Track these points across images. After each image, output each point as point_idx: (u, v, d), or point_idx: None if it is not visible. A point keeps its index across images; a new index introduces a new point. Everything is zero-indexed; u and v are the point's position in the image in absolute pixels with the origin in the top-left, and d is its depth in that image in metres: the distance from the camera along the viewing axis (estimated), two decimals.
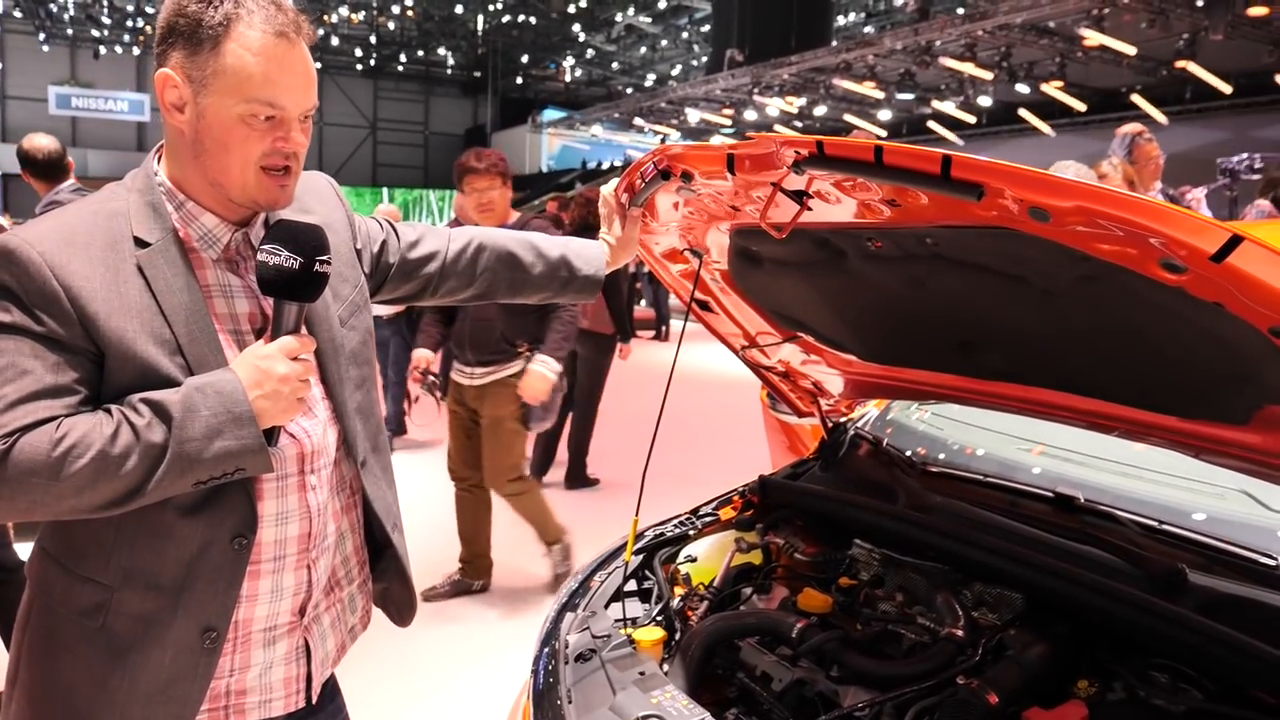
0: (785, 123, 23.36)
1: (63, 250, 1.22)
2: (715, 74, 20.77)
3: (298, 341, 1.28)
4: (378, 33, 29.48)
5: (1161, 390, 1.36)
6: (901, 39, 16.15)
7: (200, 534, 1.29)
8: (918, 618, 1.70)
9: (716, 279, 1.97)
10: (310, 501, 1.40)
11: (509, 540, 4.66)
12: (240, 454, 1.23)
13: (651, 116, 24.83)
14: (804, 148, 1.16)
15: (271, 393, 1.24)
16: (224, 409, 1.21)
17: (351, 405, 1.47)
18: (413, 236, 1.70)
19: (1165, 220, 0.91)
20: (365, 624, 1.65)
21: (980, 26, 15.02)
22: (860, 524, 1.94)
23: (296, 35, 1.28)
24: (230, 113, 1.25)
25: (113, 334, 1.22)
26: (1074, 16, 14.63)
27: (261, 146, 1.27)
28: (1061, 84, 17.14)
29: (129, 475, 1.17)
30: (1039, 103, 18.89)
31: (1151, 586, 1.51)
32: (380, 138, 36.01)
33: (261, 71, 1.24)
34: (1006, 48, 16.24)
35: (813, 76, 18.72)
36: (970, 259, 1.32)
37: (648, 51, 30.51)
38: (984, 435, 2.19)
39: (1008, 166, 0.98)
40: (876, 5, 24.95)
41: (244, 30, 1.24)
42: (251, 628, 1.37)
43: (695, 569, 2.04)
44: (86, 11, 26.21)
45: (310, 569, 1.42)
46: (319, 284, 1.31)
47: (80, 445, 1.16)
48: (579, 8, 25.18)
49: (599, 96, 33.03)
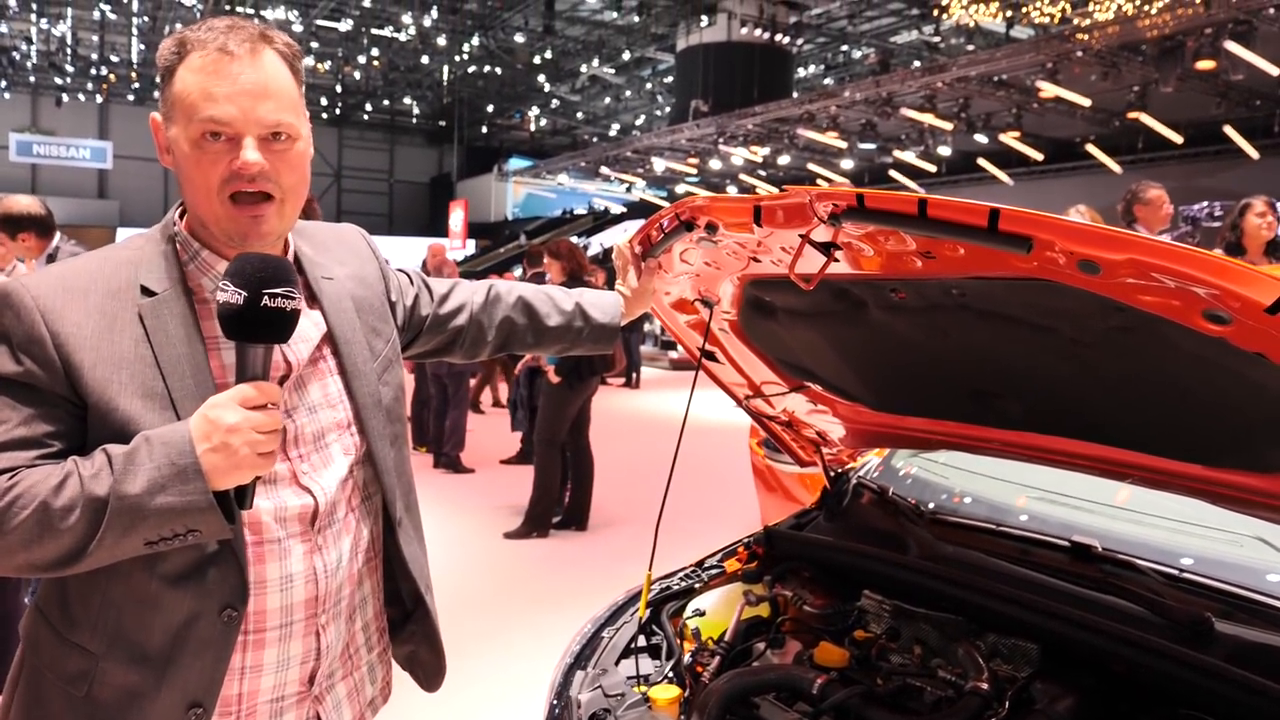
0: (749, 171, 23.76)
1: (59, 296, 1.18)
2: (681, 124, 21.10)
3: (254, 389, 1.14)
4: (343, 82, 29.56)
5: (1188, 439, 1.36)
6: (863, 90, 16.55)
7: (187, 604, 1.21)
8: (939, 671, 1.68)
9: (725, 329, 1.96)
10: (317, 564, 1.32)
11: (521, 590, 4.58)
12: (185, 511, 1.11)
13: (618, 165, 25.10)
14: (842, 200, 1.16)
15: (220, 445, 1.11)
16: (168, 461, 1.11)
17: (389, 462, 1.42)
18: (444, 290, 1.67)
19: (1222, 273, 0.91)
20: (386, 696, 1.57)
21: (939, 79, 15.44)
22: (871, 574, 1.92)
23: (247, 49, 1.21)
24: (185, 139, 1.21)
25: (95, 384, 1.17)
26: (1028, 70, 15.08)
27: (218, 170, 1.20)
28: (1019, 134, 17.62)
29: (72, 530, 1.10)
30: (997, 152, 19.40)
31: (1178, 635, 1.50)
32: (345, 185, 36.04)
33: (199, 88, 1.19)
34: (965, 99, 16.68)
35: (776, 126, 19.09)
36: (998, 309, 1.32)
37: (612, 101, 30.94)
38: (988, 483, 2.18)
39: (1058, 220, 0.98)
40: (835, 58, 25.58)
41: (192, 55, 1.20)
42: (257, 700, 1.29)
43: (704, 623, 2.00)
44: (49, 59, 26.02)
45: (320, 634, 1.34)
46: (276, 321, 1.15)
47: (25, 496, 1.10)
48: (544, 59, 25.47)
49: (564, 145, 33.37)
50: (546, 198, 33.54)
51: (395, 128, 35.88)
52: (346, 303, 1.41)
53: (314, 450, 1.33)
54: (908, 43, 23.54)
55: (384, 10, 21.64)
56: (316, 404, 1.34)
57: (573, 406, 5.98)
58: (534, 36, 24.22)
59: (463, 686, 3.85)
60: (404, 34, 23.44)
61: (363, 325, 1.42)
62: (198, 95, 1.19)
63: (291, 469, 1.30)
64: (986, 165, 19.82)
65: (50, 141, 29.24)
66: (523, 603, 4.78)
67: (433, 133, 36.50)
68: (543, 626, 4.39)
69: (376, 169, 36.78)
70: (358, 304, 1.43)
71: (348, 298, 1.41)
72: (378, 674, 1.52)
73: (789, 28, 21.58)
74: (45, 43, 25.38)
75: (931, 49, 22.40)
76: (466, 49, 24.94)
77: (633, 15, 22.73)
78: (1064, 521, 1.90)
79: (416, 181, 37.51)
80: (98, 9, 22.18)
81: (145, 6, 22.75)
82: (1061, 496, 1.97)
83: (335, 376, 1.37)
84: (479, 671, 4.01)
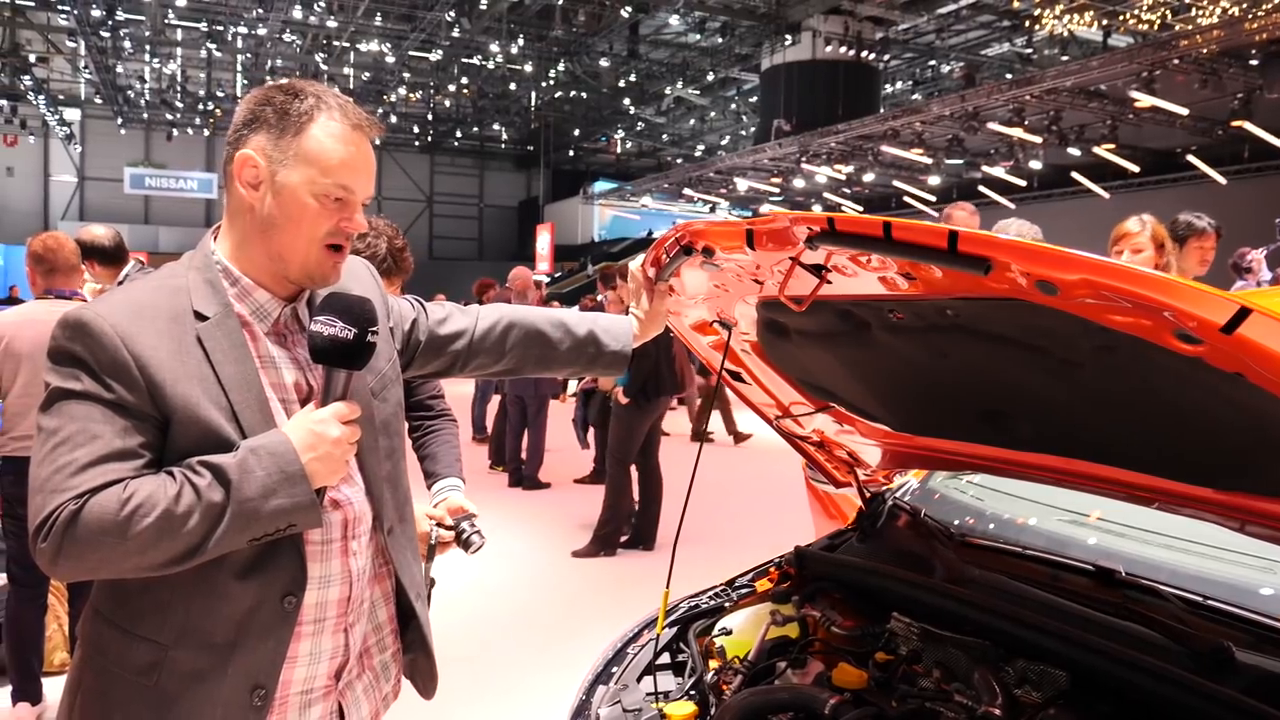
0: (834, 190, 23.53)
1: (133, 322, 1.30)
2: (763, 144, 21.04)
3: (347, 407, 1.35)
4: (434, 110, 30.45)
5: (1193, 462, 1.33)
6: (948, 105, 16.26)
7: (252, 594, 1.34)
8: (955, 695, 1.65)
9: (747, 350, 1.98)
10: (352, 566, 1.45)
11: (583, 607, 4.64)
12: (293, 510, 1.29)
13: (700, 186, 25.18)
14: (816, 224, 1.18)
15: (325, 455, 1.31)
16: (278, 469, 1.27)
17: (381, 474, 1.51)
18: (440, 314, 1.76)
19: (1172, 292, 0.90)
20: (396, 693, 1.66)
21: (1027, 91, 15.07)
22: (898, 597, 1.91)
23: (372, 132, 1.42)
24: (308, 190, 1.36)
25: (178, 399, 1.29)
26: (1124, 79, 14.60)
27: (328, 224, 1.37)
28: (1114, 146, 17.05)
29: (191, 533, 1.23)
30: (1092, 165, 18.79)
31: (1197, 665, 1.46)
32: (436, 211, 36.99)
33: (340, 156, 1.36)
34: (1055, 111, 16.23)
35: (860, 144, 18.87)
36: (990, 329, 1.32)
37: (696, 123, 31.05)
38: (1024, 505, 2.14)
39: (1012, 241, 0.98)
40: (923, 74, 25.20)
41: (326, 120, 1.37)
42: (290, 690, 1.40)
43: (730, 642, 2.01)
44: (161, 96, 27.55)
45: (348, 633, 1.46)
46: (368, 353, 1.37)
47: (146, 505, 1.22)
48: (629, 82, 25.77)
49: (649, 167, 33.60)
50: (632, 220, 33.79)
51: (484, 153, 36.73)
52: None
53: None
54: (999, 55, 23.03)
55: (473, 40, 22.20)
56: None
57: (642, 427, 6.03)
58: (618, 61, 24.55)
59: (514, 699, 3.91)
60: (492, 62, 24.03)
61: None
62: (337, 161, 1.37)
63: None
64: (1080, 179, 19.21)
65: (161, 174, 31.06)
66: (582, 620, 4.83)
67: (521, 157, 37.22)
68: (601, 643, 4.42)
69: (467, 194, 37.67)
70: None
71: None
72: (391, 672, 1.61)
73: (875, 44, 21.36)
74: (157, 80, 26.92)
75: (1024, 61, 21.86)
76: (553, 75, 25.42)
77: (716, 37, 22.85)
78: (1094, 545, 1.86)
79: (505, 206, 38.27)
80: (205, 48, 23.39)
81: (248, 44, 23.91)
82: (1093, 519, 1.92)
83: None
84: (528, 684, 4.07)
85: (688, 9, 20.52)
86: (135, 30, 22.64)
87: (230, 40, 23.33)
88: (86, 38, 21.72)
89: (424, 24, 20.95)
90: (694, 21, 22.00)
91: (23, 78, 22.43)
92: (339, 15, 20.77)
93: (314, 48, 22.66)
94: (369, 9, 20.67)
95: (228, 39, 23.07)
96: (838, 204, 24.80)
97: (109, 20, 20.33)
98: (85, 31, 21.19)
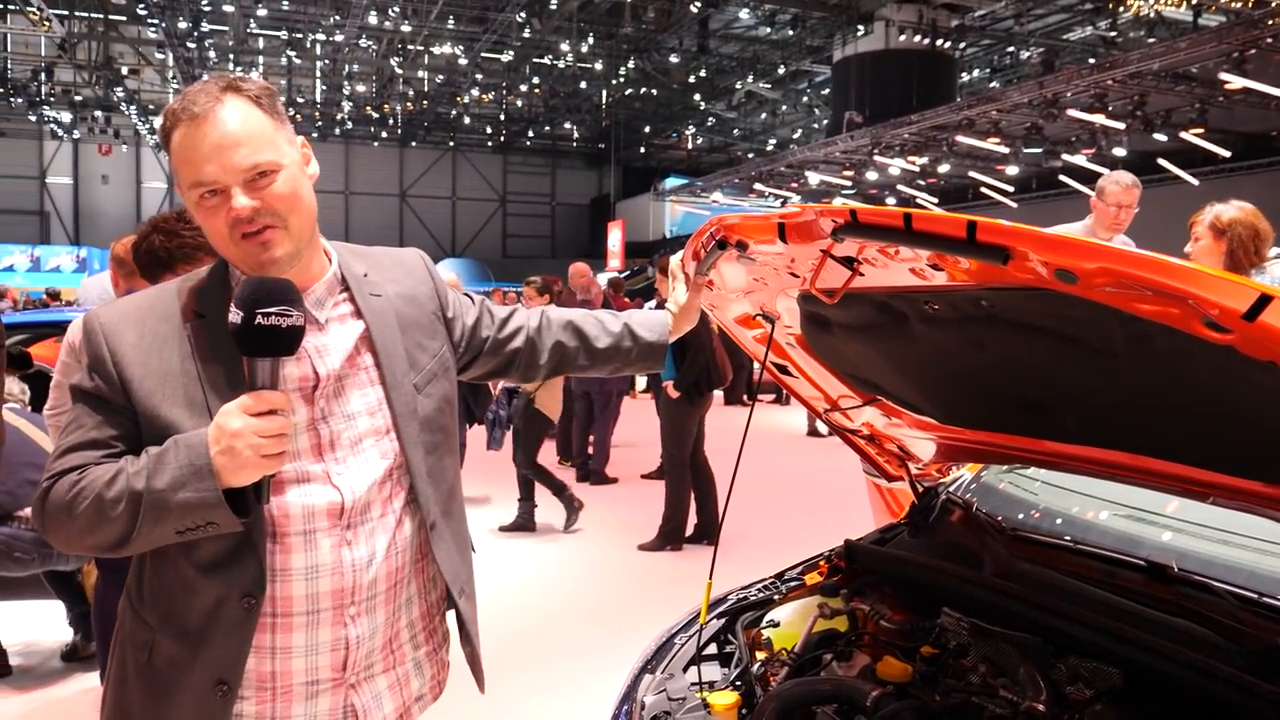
0: (908, 181, 23.10)
1: (120, 322, 1.39)
2: (834, 137, 20.76)
3: (252, 398, 1.27)
4: (507, 111, 30.80)
5: (1238, 454, 1.30)
6: (1025, 93, 15.80)
7: (215, 590, 1.37)
8: (1000, 690, 1.64)
9: (792, 343, 1.98)
10: (345, 557, 1.41)
11: (648, 599, 4.68)
12: (199, 506, 1.26)
13: (771, 181, 24.96)
14: (840, 217, 1.19)
15: (226, 449, 1.25)
16: (188, 461, 1.27)
17: (423, 468, 1.51)
18: (503, 314, 1.77)
19: (1192, 280, 0.89)
20: (435, 694, 1.65)
21: (1109, 76, 14.55)
22: (948, 591, 1.89)
23: (214, 105, 1.32)
24: (191, 203, 1.36)
25: (143, 394, 1.36)
26: (1214, 60, 14.01)
27: (221, 221, 1.33)
28: (1203, 130, 16.38)
29: (120, 518, 1.28)
30: (1179, 150, 18.07)
31: (1249, 664, 1.42)
32: (509, 210, 37.41)
33: (182, 158, 1.33)
34: (1139, 96, 15.65)
35: (934, 134, 18.48)
36: (1025, 320, 1.30)
37: (768, 117, 30.82)
38: (1077, 500, 2.10)
39: (1030, 230, 0.98)
40: (1001, 61, 24.56)
41: (183, 127, 1.33)
42: (291, 680, 1.42)
43: (778, 634, 2.02)
44: None
45: (349, 625, 1.43)
46: (272, 336, 1.27)
47: (87, 489, 1.30)
48: (699, 77, 25.69)
49: (720, 163, 33.45)
50: (702, 215, 33.57)
51: (556, 152, 37.00)
52: (390, 318, 1.52)
53: (351, 454, 1.44)
54: (1081, 39, 22.30)
55: (543, 40, 22.41)
56: (356, 411, 1.46)
57: (694, 420, 6.09)
58: (689, 56, 24.47)
59: (579, 691, 3.96)
60: (563, 61, 24.21)
61: (406, 340, 1.53)
62: (183, 163, 1.33)
63: (325, 469, 1.42)
64: (1167, 165, 18.50)
65: None
66: (647, 613, 4.85)
67: (592, 155, 37.41)
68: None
69: (539, 193, 38.01)
70: (403, 320, 1.54)
71: (393, 313, 1.53)
72: (426, 671, 1.60)
73: (950, 31, 20.89)
74: None
75: (1107, 45, 21.12)
76: (623, 72, 25.50)
77: (787, 29, 22.63)
78: (1146, 540, 1.81)
79: (577, 204, 38.52)
80: (285, 55, 24.10)
81: (326, 50, 24.54)
82: (1147, 513, 1.87)
83: (376, 386, 1.48)
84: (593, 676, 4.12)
85: (758, 2, 20.37)
86: (219, 40, 23.42)
87: (309, 47, 23.99)
88: (174, 49, 22.57)
89: (495, 25, 21.21)
90: (764, 14, 21.83)
91: (115, 89, 23.43)
92: (413, 19, 21.17)
93: (389, 52, 23.13)
94: (442, 12, 21.01)
95: (307, 46, 23.73)
96: (912, 196, 24.33)
97: (195, 31, 21.10)
98: (173, 43, 22.02)
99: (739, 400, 13.52)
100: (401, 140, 34.29)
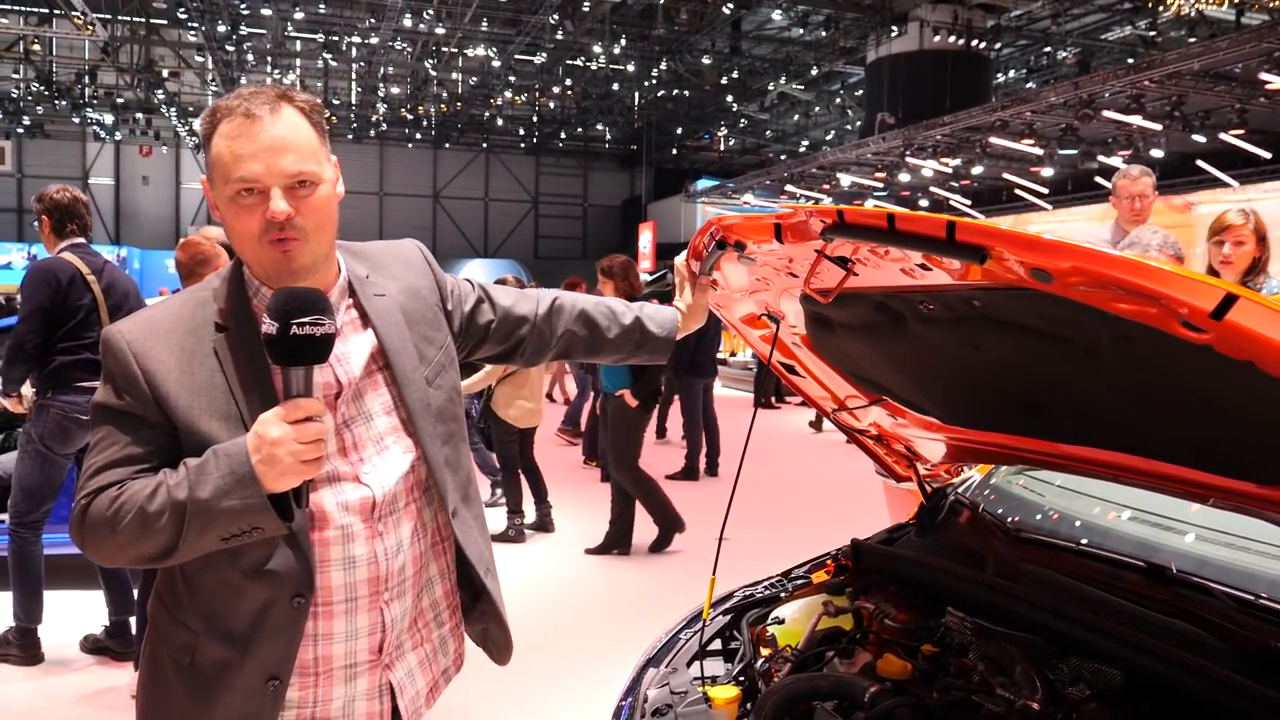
0: (940, 184, 22.90)
1: (147, 338, 1.41)
2: (865, 138, 20.63)
3: (288, 407, 1.30)
4: (539, 112, 30.93)
5: (1228, 455, 1.30)
6: (1060, 93, 15.60)
7: (264, 593, 1.42)
8: (998, 689, 1.65)
9: (798, 343, 2.00)
10: (378, 548, 1.49)
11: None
12: (245, 512, 1.31)
13: (803, 182, 24.85)
14: (827, 217, 1.21)
15: (267, 456, 1.29)
16: (230, 471, 1.31)
17: (441, 459, 1.57)
18: (508, 301, 1.80)
19: (1160, 279, 0.90)
20: (458, 666, 1.74)
21: (1145, 76, 14.33)
22: (952, 591, 1.90)
23: (268, 109, 1.36)
24: (225, 198, 1.38)
25: (181, 410, 1.39)
26: (1256, 60, 13.75)
27: (254, 221, 1.36)
28: (1242, 131, 16.09)
29: (164, 530, 1.32)
30: (1219, 151, 17.77)
31: (1245, 666, 1.42)
32: (542, 211, 37.56)
33: (229, 152, 1.36)
34: (1177, 97, 15.40)
35: (968, 136, 18.30)
36: (1015, 320, 1.32)
37: (801, 118, 30.67)
38: (1083, 501, 2.10)
39: (1005, 229, 0.99)
40: (1038, 61, 24.27)
41: (224, 124, 1.37)
42: (332, 665, 1.49)
43: (783, 631, 2.04)
44: None
45: (384, 609, 1.51)
46: (307, 345, 1.30)
47: (128, 504, 1.33)
48: (731, 79, 25.64)
49: (752, 164, 33.33)
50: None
51: (588, 153, 37.08)
52: (396, 315, 1.57)
53: (376, 452, 1.51)
54: (1120, 39, 21.97)
55: (576, 42, 22.48)
56: (375, 412, 1.52)
57: (644, 425, 6.10)
58: (721, 58, 24.43)
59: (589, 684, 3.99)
60: (595, 63, 24.28)
61: (413, 335, 1.58)
62: (229, 157, 1.36)
63: (354, 470, 1.48)
64: (1206, 166, 18.19)
65: None
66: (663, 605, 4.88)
67: (624, 157, 37.44)
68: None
69: (571, 194, 38.12)
70: (408, 316, 1.59)
71: (398, 311, 1.58)
72: (450, 647, 1.69)
73: (986, 32, 20.67)
74: None
75: (1146, 44, 20.79)
76: (655, 74, 25.51)
77: (819, 30, 22.52)
78: (1147, 541, 1.81)
79: (609, 205, 38.59)
80: (321, 58, 24.39)
81: (362, 53, 24.80)
82: (1151, 515, 1.87)
83: (390, 384, 1.54)
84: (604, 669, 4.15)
85: (790, 3, 20.29)
86: (257, 44, 23.75)
87: (345, 50, 24.27)
88: (213, 52, 22.92)
89: (528, 28, 21.33)
90: (797, 15, 21.74)
91: (156, 92, 23.84)
92: (447, 22, 21.33)
93: (423, 54, 23.34)
94: (475, 15, 21.15)
95: (342, 49, 24.01)
96: (945, 199, 24.12)
97: (233, 35, 21.42)
98: (212, 46, 22.37)
99: (768, 403, 13.48)
100: (435, 142, 34.55)
